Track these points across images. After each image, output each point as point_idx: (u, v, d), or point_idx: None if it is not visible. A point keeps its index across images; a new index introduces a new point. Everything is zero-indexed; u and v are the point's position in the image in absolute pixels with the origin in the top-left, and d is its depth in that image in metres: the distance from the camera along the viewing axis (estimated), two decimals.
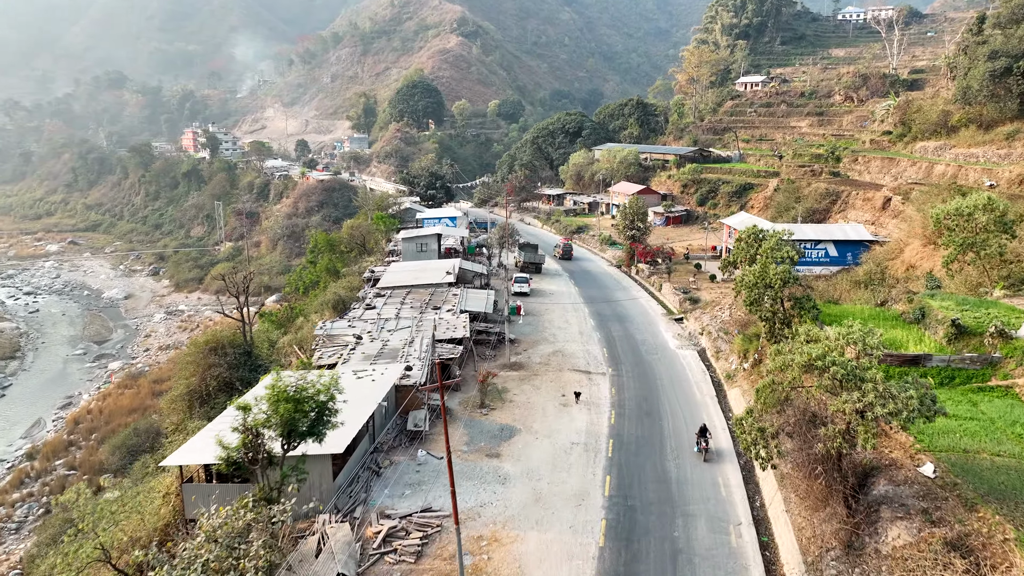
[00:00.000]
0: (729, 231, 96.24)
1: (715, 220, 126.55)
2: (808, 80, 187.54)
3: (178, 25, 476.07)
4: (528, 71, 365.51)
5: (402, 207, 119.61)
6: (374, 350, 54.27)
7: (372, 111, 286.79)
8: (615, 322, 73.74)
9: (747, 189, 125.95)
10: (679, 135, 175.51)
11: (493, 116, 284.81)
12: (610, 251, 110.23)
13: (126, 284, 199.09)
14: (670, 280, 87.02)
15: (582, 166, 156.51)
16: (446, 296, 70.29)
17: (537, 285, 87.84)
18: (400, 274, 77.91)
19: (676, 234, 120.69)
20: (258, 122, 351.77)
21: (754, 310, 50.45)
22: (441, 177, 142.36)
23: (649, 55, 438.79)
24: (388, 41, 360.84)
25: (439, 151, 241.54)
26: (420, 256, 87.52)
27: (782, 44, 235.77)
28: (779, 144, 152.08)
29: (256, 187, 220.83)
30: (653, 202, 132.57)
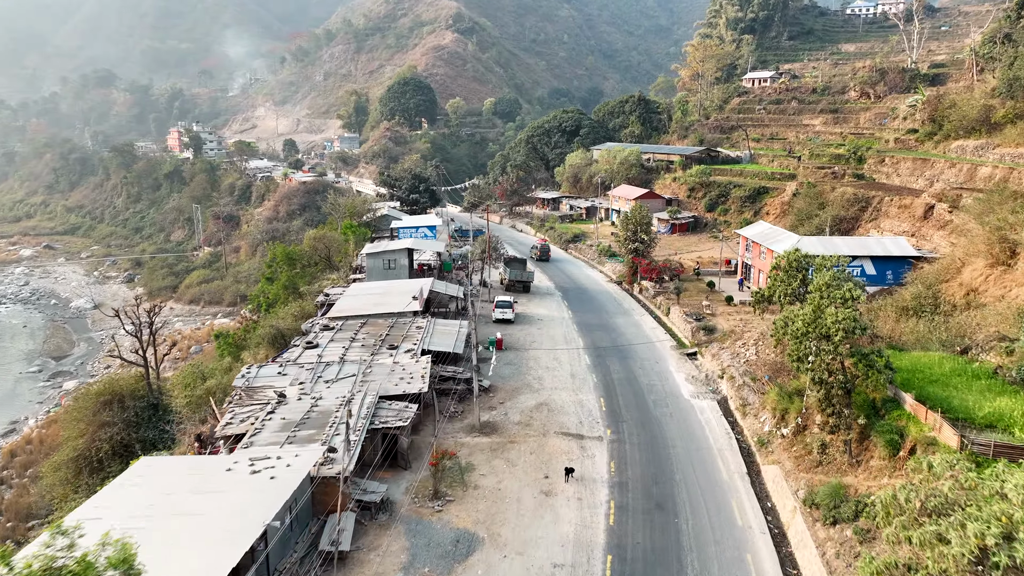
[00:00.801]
0: (747, 244, 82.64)
1: (726, 227, 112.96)
2: (820, 76, 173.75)
3: (171, 23, 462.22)
4: (526, 69, 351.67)
5: (377, 214, 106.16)
6: (298, 414, 40.80)
7: (364, 110, 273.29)
8: (615, 358, 60.22)
9: (761, 193, 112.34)
10: (683, 134, 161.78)
11: (489, 115, 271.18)
12: (609, 264, 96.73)
13: (97, 292, 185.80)
14: (679, 302, 73.48)
15: (579, 167, 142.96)
16: (408, 329, 56.78)
17: (524, 308, 74.32)
18: (357, 299, 64.39)
19: (683, 244, 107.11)
20: (248, 121, 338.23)
21: (802, 367, 36.93)
22: (425, 180, 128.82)
23: (650, 53, 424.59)
24: (382, 38, 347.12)
25: (431, 151, 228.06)
26: (387, 275, 74.03)
27: (789, 39, 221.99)
28: (793, 143, 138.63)
29: (237, 189, 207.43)
30: (657, 207, 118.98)
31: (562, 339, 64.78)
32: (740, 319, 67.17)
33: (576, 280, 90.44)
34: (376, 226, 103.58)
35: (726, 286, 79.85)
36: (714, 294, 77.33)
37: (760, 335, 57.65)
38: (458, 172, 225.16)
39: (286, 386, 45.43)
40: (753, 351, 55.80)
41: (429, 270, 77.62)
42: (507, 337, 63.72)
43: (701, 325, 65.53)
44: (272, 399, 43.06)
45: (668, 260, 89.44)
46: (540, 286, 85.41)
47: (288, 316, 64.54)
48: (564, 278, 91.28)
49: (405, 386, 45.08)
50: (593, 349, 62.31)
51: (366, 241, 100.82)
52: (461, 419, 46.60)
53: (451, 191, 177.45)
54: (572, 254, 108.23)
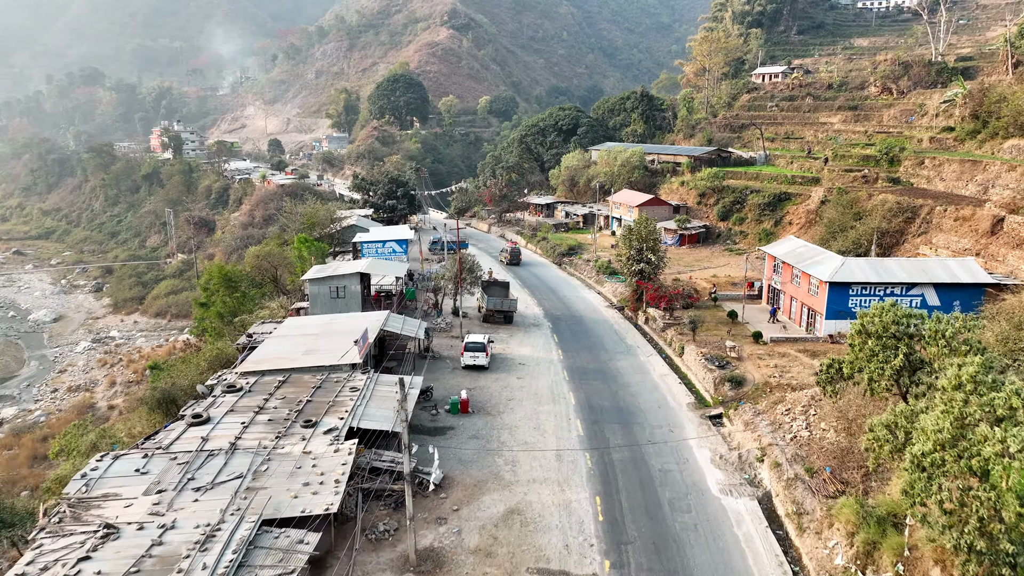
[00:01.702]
0: (775, 264, 67.53)
1: (742, 238, 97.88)
2: (835, 71, 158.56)
3: (162, 21, 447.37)
4: (524, 67, 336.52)
5: (343, 224, 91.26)
6: (125, 562, 25.90)
7: (354, 108, 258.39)
8: (617, 424, 45.22)
9: (782, 200, 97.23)
10: (690, 133, 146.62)
11: (484, 113, 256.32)
12: (609, 284, 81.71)
13: (61, 303, 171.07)
14: (695, 339, 58.47)
15: (576, 169, 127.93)
16: (340, 391, 41.81)
17: (504, 347, 59.34)
18: (285, 343, 49.42)
19: (694, 258, 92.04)
20: (238, 120, 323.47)
21: (930, 519, 21.85)
22: (403, 184, 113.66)
23: (651, 51, 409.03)
24: (375, 35, 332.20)
25: (421, 152, 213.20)
26: (335, 305, 59.09)
27: (799, 33, 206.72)
28: (812, 143, 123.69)
29: (214, 192, 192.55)
30: (663, 215, 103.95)
31: (548, 394, 49.70)
32: (774, 365, 52.14)
33: (570, 305, 75.35)
34: (341, 239, 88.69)
35: (751, 316, 64.79)
36: (737, 327, 62.30)
37: (812, 400, 42.59)
38: (450, 174, 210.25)
39: (136, 498, 30.52)
40: (803, 422, 40.78)
41: (388, 298, 62.64)
42: (477, 392, 48.73)
43: (726, 375, 50.49)
44: (101, 529, 28.10)
45: (679, 283, 74.34)
46: (526, 314, 70.38)
47: (193, 367, 49.54)
48: (555, 302, 76.23)
49: (309, 498, 30.16)
50: (588, 409, 47.26)
51: (326, 257, 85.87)
52: (393, 544, 31.55)
53: (439, 195, 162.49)
54: (566, 270, 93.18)
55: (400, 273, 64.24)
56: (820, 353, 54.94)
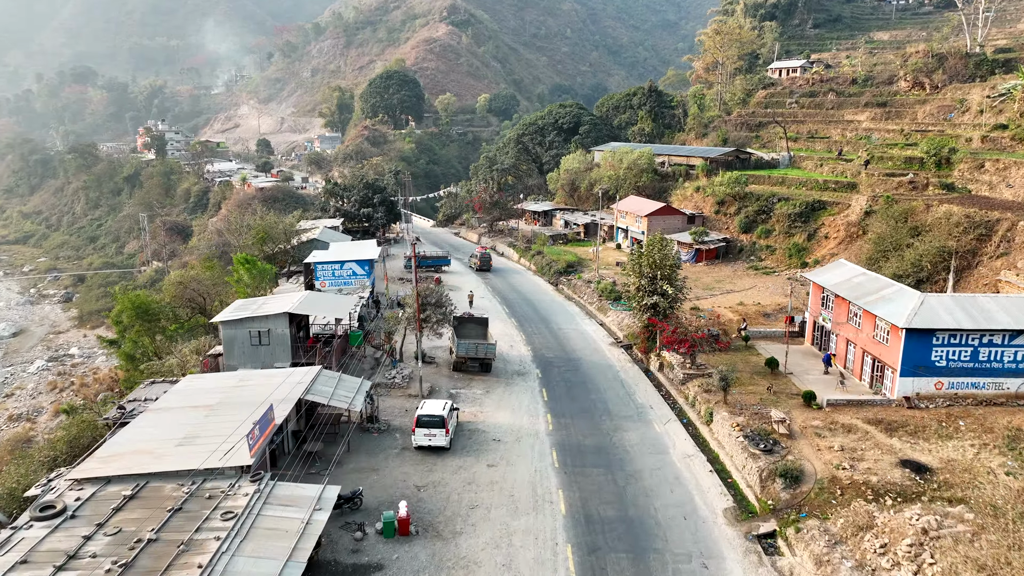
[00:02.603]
0: (823, 297, 52.59)
1: (768, 254, 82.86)
2: (859, 64, 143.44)
3: (159, 20, 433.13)
4: (526, 64, 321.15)
5: (303, 239, 76.73)
6: None
7: (348, 107, 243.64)
8: (624, 552, 30.41)
9: (816, 209, 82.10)
10: (702, 132, 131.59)
11: (483, 112, 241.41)
12: (613, 312, 66.85)
13: (25, 314, 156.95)
14: (727, 400, 43.76)
15: (577, 173, 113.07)
16: (206, 518, 27.15)
17: (476, 411, 44.63)
18: (161, 423, 34.89)
19: (713, 278, 77.06)
20: (231, 120, 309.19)
21: None
22: (381, 189, 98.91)
23: (657, 49, 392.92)
24: (373, 32, 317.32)
25: (415, 152, 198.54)
26: (256, 355, 44.60)
27: (815, 27, 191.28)
28: (841, 143, 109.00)
29: (193, 195, 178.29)
30: (676, 226, 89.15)
31: (528, 494, 34.90)
32: (840, 447, 37.38)
33: (565, 342, 60.46)
34: (298, 257, 74.17)
35: (795, 364, 49.90)
36: (779, 379, 47.50)
37: (924, 533, 27.71)
38: (446, 175, 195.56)
39: None
40: (914, 568, 25.99)
41: (328, 343, 47.95)
42: (429, 494, 34.05)
43: (776, 465, 35.69)
44: None
45: (699, 313, 59.42)
46: (510, 356, 55.63)
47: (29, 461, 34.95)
48: (547, 338, 61.36)
49: None
50: (584, 525, 32.43)
51: (278, 279, 71.35)
52: None
53: (429, 199, 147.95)
54: (564, 292, 78.23)
55: (348, 310, 49.17)
56: (898, 426, 40.14)
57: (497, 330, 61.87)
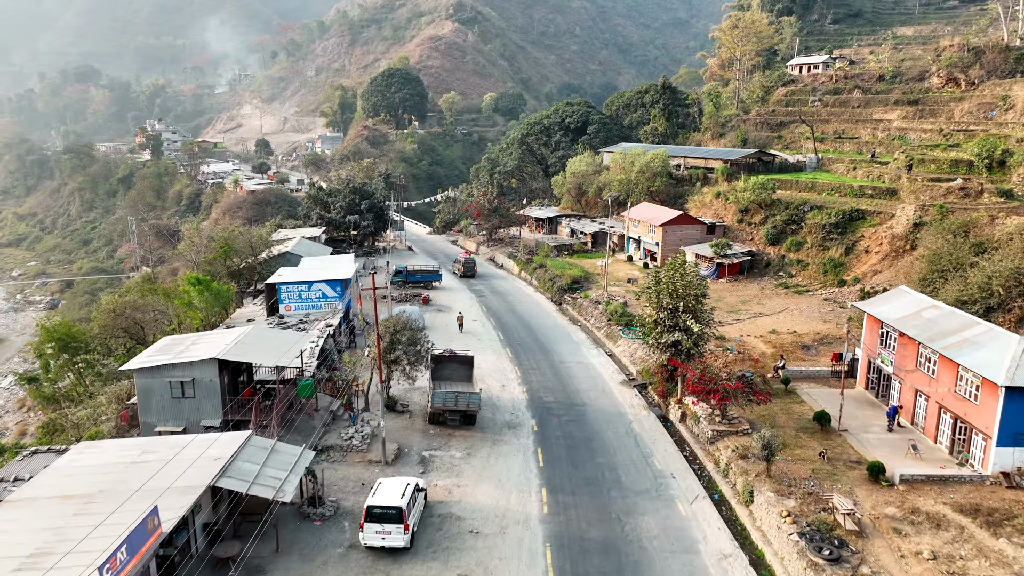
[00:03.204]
0: (885, 334, 42.47)
1: (799, 270, 72.60)
2: (885, 60, 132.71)
3: (166, 19, 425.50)
4: (534, 63, 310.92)
5: (274, 252, 67.29)
6: None
7: (351, 106, 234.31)
8: None
9: (854, 219, 71.76)
10: (719, 132, 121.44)
11: (489, 112, 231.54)
12: (624, 341, 56.90)
13: (7, 322, 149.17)
14: (770, 474, 33.85)
15: (585, 176, 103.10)
16: None
17: (451, 484, 34.80)
18: (21, 518, 25.27)
19: (737, 297, 66.96)
20: (234, 120, 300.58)
21: None
22: (369, 195, 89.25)
23: (668, 47, 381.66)
24: (378, 30, 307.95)
25: (417, 153, 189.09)
26: (176, 412, 35.18)
27: (834, 23, 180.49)
28: (872, 144, 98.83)
29: (185, 197, 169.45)
30: (694, 236, 79.19)
31: None
32: (930, 552, 27.47)
33: (568, 380, 50.47)
34: (260, 272, 64.71)
35: (851, 416, 39.92)
36: (833, 440, 37.62)
37: None
38: (449, 177, 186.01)
39: None
40: None
41: (270, 394, 38.28)
42: None
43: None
44: None
45: (725, 345, 49.47)
46: (501, 400, 45.83)
47: None
48: (547, 375, 51.37)
49: None
50: None
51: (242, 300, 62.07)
52: None
53: (428, 204, 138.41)
54: (568, 314, 68.23)
55: (297, 352, 39.27)
56: (1002, 518, 30.18)
57: (488, 363, 52.16)
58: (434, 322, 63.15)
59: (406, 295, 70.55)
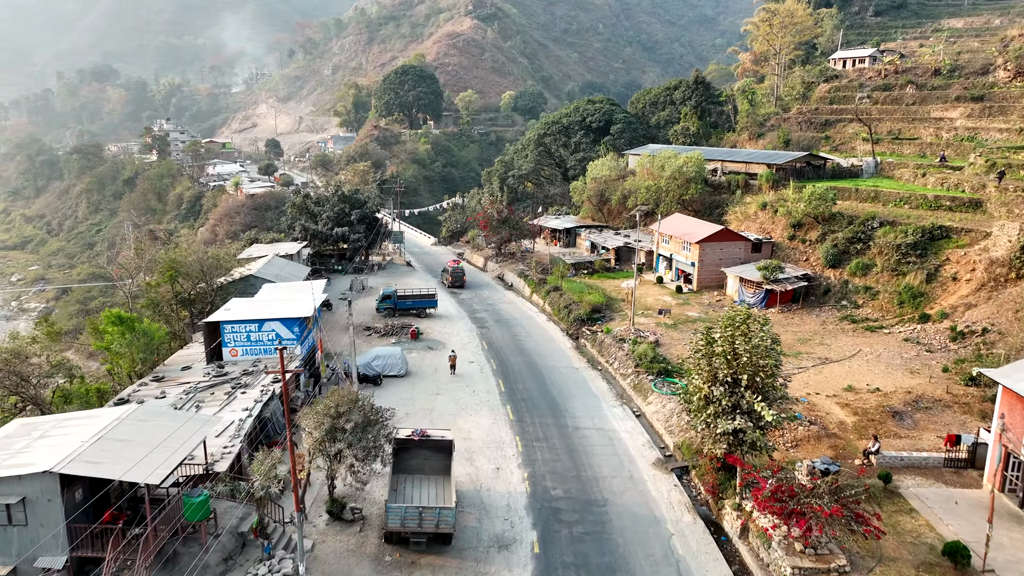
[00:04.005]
0: None
1: (867, 298, 59.04)
2: (941, 52, 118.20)
3: (188, 18, 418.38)
4: (555, 61, 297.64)
5: (236, 275, 55.39)
6: None
7: (365, 105, 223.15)
8: None
9: (936, 238, 58.15)
10: (757, 132, 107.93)
11: (508, 111, 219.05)
12: (656, 397, 44.03)
13: None
14: None
15: (608, 182, 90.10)
16: None
17: None
18: None
19: (793, 334, 53.67)
20: (249, 119, 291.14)
21: None
22: (361, 203, 77.07)
23: (693, 45, 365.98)
24: (396, 27, 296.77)
25: (430, 154, 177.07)
26: (3, 544, 23.07)
27: (876, 15, 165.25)
28: (939, 146, 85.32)
29: (185, 201, 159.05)
30: (736, 255, 66.07)
31: None
32: None
33: (585, 459, 37.53)
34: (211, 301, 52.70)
35: (999, 550, 26.84)
36: None
37: None
38: (465, 180, 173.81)
39: None
40: None
41: (134, 521, 26.18)
42: None
43: None
44: None
45: (795, 417, 36.47)
46: (492, 497, 33.19)
47: None
48: (557, 452, 38.36)
49: None
50: None
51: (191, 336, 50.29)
52: None
53: (440, 209, 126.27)
54: (587, 352, 55.36)
55: (185, 453, 26.72)
56: None
57: (481, 431, 39.77)
58: (420, 365, 50.80)
59: (393, 327, 58.20)
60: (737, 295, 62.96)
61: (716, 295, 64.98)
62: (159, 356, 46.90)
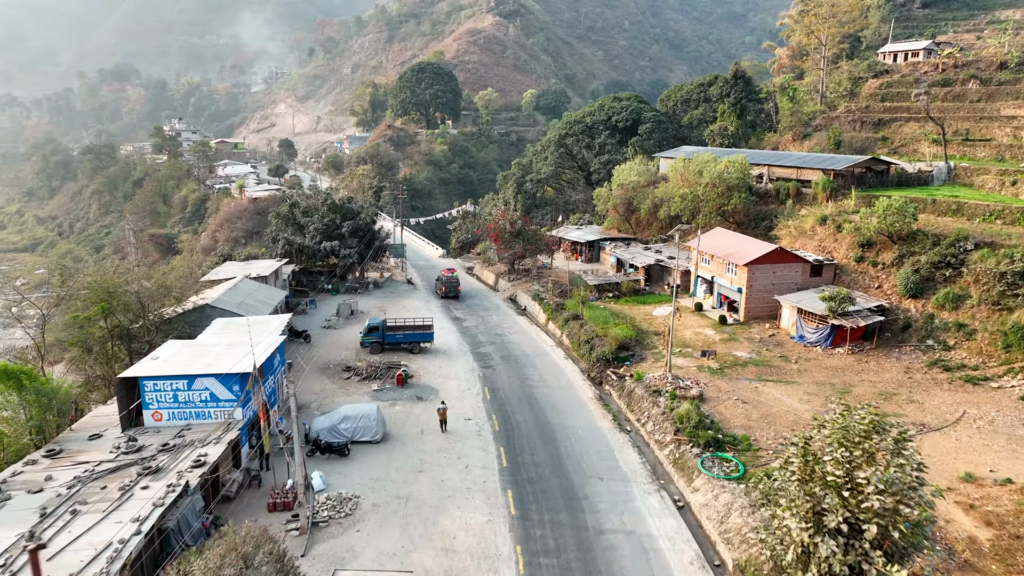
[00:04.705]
0: None
1: (959, 337, 47.16)
2: (1007, 45, 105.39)
3: (210, 18, 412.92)
4: (579, 59, 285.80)
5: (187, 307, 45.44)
6: None
7: (382, 104, 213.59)
8: None
9: None
10: (803, 132, 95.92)
11: (529, 110, 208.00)
12: (706, 483, 33.05)
13: None
14: None
15: (637, 189, 78.78)
16: None
17: None
18: None
19: (871, 385, 42.08)
20: (267, 119, 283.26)
21: None
22: (353, 214, 66.58)
23: (722, 43, 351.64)
24: (417, 25, 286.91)
25: (447, 155, 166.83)
26: None
27: (924, 7, 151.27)
28: (1020, 148, 73.23)
29: (191, 204, 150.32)
30: (792, 281, 54.58)
31: None
32: None
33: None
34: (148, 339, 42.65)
35: None
36: None
37: None
38: (483, 182, 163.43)
39: None
40: None
41: None
42: None
43: None
44: None
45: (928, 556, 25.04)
46: None
47: None
48: (574, 566, 27.91)
49: None
50: None
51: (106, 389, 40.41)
52: None
53: (422, 223, 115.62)
54: (613, 405, 44.22)
55: None
56: None
57: (472, 533, 29.14)
58: (403, 424, 40.15)
59: (378, 367, 47.60)
60: (794, 329, 51.50)
61: (768, 328, 53.57)
62: (74, 415, 36.93)
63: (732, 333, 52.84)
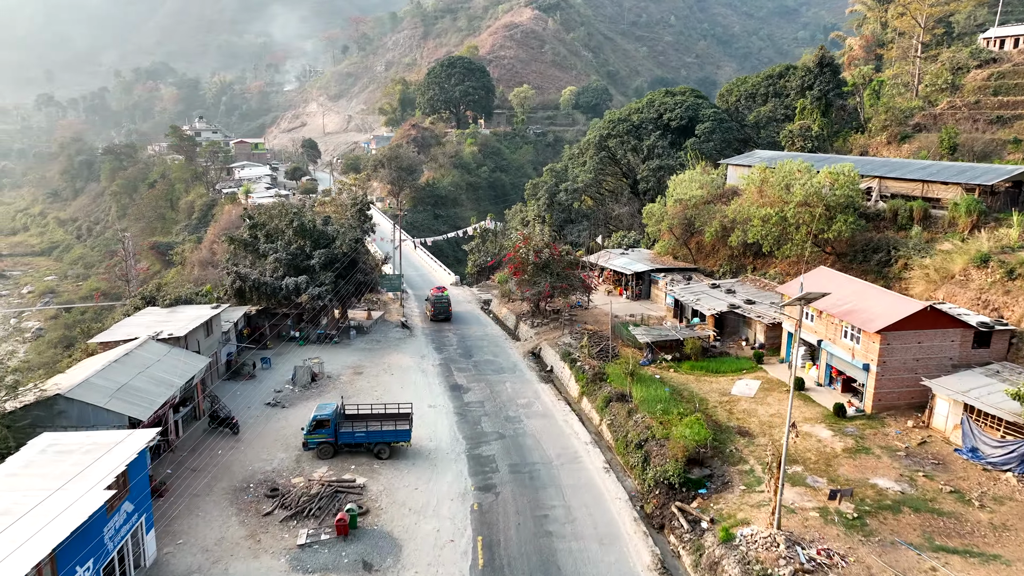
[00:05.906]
0: None
1: None
2: None
3: (250, 17, 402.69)
4: (622, 55, 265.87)
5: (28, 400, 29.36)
6: None
7: (413, 102, 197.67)
8: None
9: None
10: (901, 133, 76.05)
11: (568, 108, 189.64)
12: None
13: None
14: None
15: (698, 206, 60.34)
16: None
17: None
18: None
19: None
20: (299, 118, 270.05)
21: None
22: (328, 241, 49.67)
23: (773, 39, 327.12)
24: (453, 20, 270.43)
25: (477, 157, 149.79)
26: None
27: None
28: None
29: (197, 209, 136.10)
30: (946, 355, 35.47)
31: None
32: None
33: None
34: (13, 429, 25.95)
35: None
36: None
37: None
38: (516, 187, 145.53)
39: None
40: None
41: None
42: None
43: None
44: None
45: None
46: None
47: None
48: None
49: None
50: None
51: None
52: None
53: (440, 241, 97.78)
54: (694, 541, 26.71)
55: None
56: None
57: None
58: None
59: (322, 491, 30.46)
60: (959, 437, 32.88)
61: (912, 428, 34.97)
62: None
63: (859, 436, 34.32)
